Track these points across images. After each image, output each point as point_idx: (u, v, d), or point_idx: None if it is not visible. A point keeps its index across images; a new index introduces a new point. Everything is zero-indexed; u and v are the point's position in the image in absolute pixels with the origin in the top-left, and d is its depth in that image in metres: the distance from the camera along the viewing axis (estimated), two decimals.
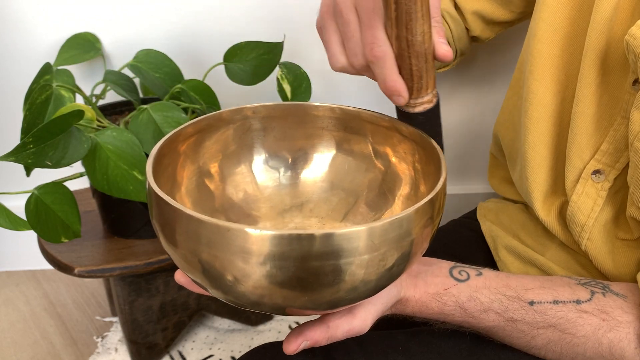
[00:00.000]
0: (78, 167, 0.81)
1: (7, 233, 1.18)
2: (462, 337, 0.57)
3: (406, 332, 0.58)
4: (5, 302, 1.25)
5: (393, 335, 0.58)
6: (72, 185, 0.82)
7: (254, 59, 0.93)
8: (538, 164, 0.63)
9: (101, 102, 0.97)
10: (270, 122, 0.56)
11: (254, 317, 1.15)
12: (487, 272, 0.55)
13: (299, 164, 0.58)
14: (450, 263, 0.55)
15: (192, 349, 1.11)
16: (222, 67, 0.94)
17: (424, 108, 0.49)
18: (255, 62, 0.92)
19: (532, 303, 0.52)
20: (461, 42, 0.76)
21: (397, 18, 0.44)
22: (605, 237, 0.58)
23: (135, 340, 1.03)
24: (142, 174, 0.78)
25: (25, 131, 0.77)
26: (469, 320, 0.53)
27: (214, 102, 0.92)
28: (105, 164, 0.77)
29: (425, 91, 0.48)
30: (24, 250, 1.28)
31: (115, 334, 1.15)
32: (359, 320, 0.48)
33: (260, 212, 0.57)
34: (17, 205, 0.80)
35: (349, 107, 0.55)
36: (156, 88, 0.92)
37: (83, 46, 1.03)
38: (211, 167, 0.55)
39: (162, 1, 1.02)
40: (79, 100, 0.87)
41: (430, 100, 0.49)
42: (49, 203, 0.76)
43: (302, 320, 1.16)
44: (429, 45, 0.46)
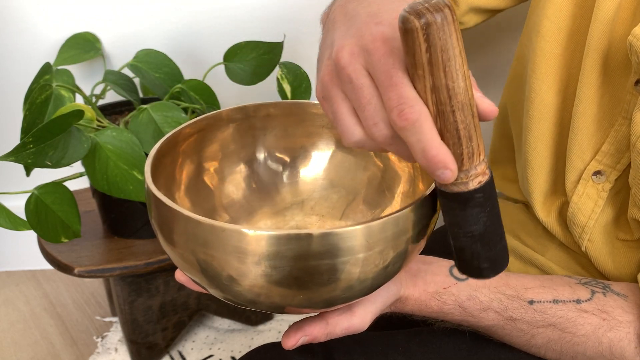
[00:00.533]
0: (78, 167, 0.81)
1: (7, 233, 1.18)
2: (462, 337, 0.57)
3: (406, 332, 0.58)
4: (5, 302, 1.25)
5: (393, 335, 0.58)
6: (72, 185, 0.82)
7: (254, 59, 0.93)
8: (538, 165, 0.62)
9: (101, 102, 0.97)
10: (270, 120, 0.56)
11: (254, 317, 1.15)
12: None
13: (299, 162, 0.58)
14: (450, 262, 0.55)
15: (192, 349, 1.11)
16: (222, 67, 0.94)
17: (479, 183, 0.36)
18: (255, 62, 0.93)
19: (531, 302, 0.52)
20: None
21: (431, 61, 0.33)
22: (606, 238, 0.58)
23: (135, 340, 1.03)
24: (142, 173, 0.78)
25: (25, 131, 0.77)
26: (468, 319, 0.53)
27: (214, 102, 0.92)
28: (105, 163, 0.77)
29: (478, 158, 0.36)
30: (24, 250, 1.28)
31: (115, 334, 1.15)
32: (358, 317, 0.48)
33: (261, 210, 0.57)
34: (17, 205, 0.80)
35: None
36: (156, 88, 0.92)
37: (83, 46, 1.04)
38: (211, 166, 0.55)
39: (162, 1, 1.02)
40: (79, 100, 0.87)
41: (483, 170, 0.37)
42: (48, 203, 0.76)
43: None
44: (472, 94, 0.35)
